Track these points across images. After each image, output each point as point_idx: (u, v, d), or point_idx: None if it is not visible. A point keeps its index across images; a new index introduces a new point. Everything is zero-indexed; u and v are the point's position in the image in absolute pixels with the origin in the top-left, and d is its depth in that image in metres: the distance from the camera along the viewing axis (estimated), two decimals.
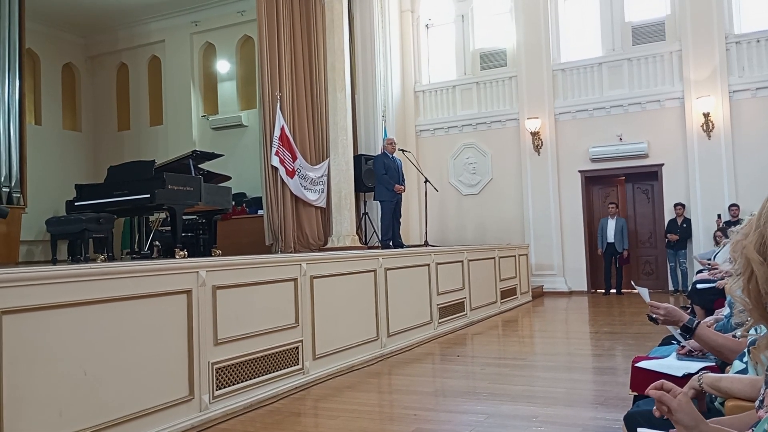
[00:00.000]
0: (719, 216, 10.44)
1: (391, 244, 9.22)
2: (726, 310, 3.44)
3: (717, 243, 9.92)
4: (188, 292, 3.97)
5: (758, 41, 10.71)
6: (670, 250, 11.20)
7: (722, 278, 6.13)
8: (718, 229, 10.09)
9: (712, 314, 4.06)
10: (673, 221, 11.16)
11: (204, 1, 13.32)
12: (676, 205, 11.09)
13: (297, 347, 4.95)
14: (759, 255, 1.27)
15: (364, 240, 11.32)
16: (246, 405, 4.32)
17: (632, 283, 4.50)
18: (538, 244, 12.03)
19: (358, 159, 11.16)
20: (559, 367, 5.62)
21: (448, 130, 13.17)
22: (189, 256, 7.24)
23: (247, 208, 11.83)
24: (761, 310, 1.29)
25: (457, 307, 8.08)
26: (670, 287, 11.28)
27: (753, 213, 1.41)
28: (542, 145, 12.10)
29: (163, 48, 14.23)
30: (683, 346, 2.81)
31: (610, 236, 11.55)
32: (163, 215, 9.18)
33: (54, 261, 8.44)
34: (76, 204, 7.63)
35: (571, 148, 12.00)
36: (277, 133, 9.61)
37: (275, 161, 9.57)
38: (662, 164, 11.40)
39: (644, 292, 2.71)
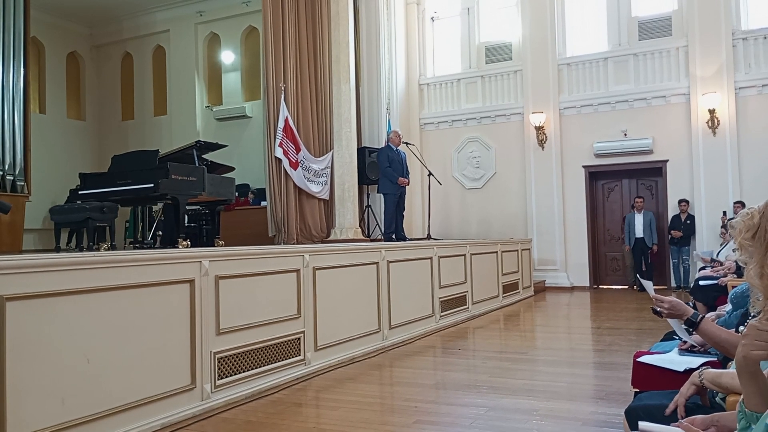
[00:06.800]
0: (724, 213, 10.42)
1: (393, 237, 9.22)
2: (728, 306, 3.44)
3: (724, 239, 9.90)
4: (191, 282, 3.97)
5: (765, 38, 10.65)
6: (674, 246, 11.17)
7: (725, 275, 6.13)
8: (723, 226, 10.07)
9: (714, 311, 4.06)
10: (676, 217, 11.13)
11: None
12: (680, 201, 11.05)
13: (299, 338, 4.96)
14: None
15: (366, 233, 11.32)
16: (247, 395, 4.34)
17: (637, 276, 4.49)
18: (541, 239, 12.02)
19: (361, 151, 11.14)
20: (560, 361, 5.62)
21: (452, 124, 13.15)
22: (192, 246, 7.25)
23: (251, 200, 11.84)
24: None
25: (459, 301, 8.08)
26: (673, 284, 11.26)
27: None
28: (546, 139, 12.07)
29: (167, 38, 14.21)
30: (685, 342, 2.81)
31: (639, 231, 11.24)
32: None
33: (57, 249, 8.46)
34: (80, 193, 7.64)
35: (576, 143, 11.97)
36: (281, 124, 9.59)
37: (279, 153, 9.55)
38: (667, 160, 11.37)
39: (649, 285, 2.71)
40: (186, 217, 8.50)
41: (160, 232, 9.00)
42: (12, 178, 9.33)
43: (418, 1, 13.40)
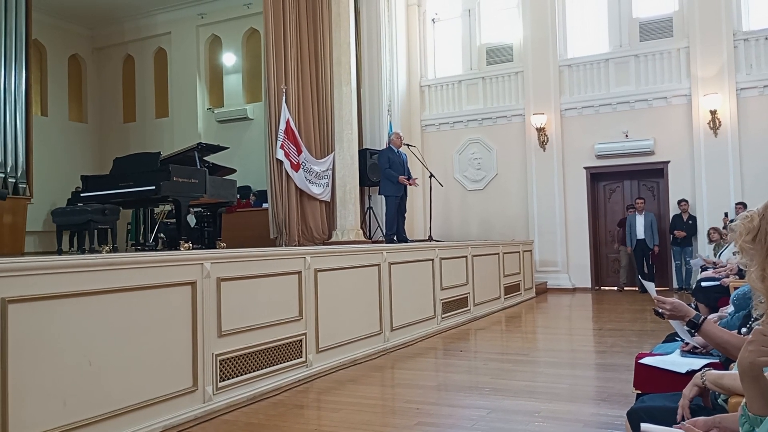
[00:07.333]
0: (726, 214, 10.40)
1: (395, 238, 9.22)
2: (730, 308, 3.43)
3: (711, 241, 9.91)
4: (193, 284, 3.97)
5: (766, 39, 10.65)
6: (676, 247, 11.10)
7: (726, 276, 6.12)
8: (712, 227, 10.05)
9: (716, 312, 4.05)
10: (677, 217, 11.08)
11: None
12: (680, 201, 11.02)
13: (300, 340, 4.96)
14: None
15: (368, 234, 11.32)
16: (249, 397, 4.33)
17: (639, 277, 4.49)
18: (543, 241, 12.01)
19: (363, 153, 11.15)
20: (561, 363, 5.62)
21: (453, 125, 13.15)
22: (193, 248, 7.25)
23: (253, 201, 11.85)
24: None
25: (460, 303, 8.08)
26: (675, 285, 11.23)
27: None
28: (548, 141, 12.07)
29: (169, 40, 14.25)
30: (687, 343, 2.81)
31: (640, 232, 11.18)
32: (168, 207, 9.21)
33: (59, 251, 8.48)
34: (81, 195, 7.65)
35: (577, 145, 11.96)
36: (282, 126, 9.60)
37: (280, 155, 9.56)
38: (668, 162, 11.36)
39: (651, 286, 2.71)
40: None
41: (162, 235, 9.01)
42: (14, 180, 9.34)
43: (419, 3, 13.41)
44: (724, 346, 2.18)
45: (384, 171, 9.32)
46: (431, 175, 10.13)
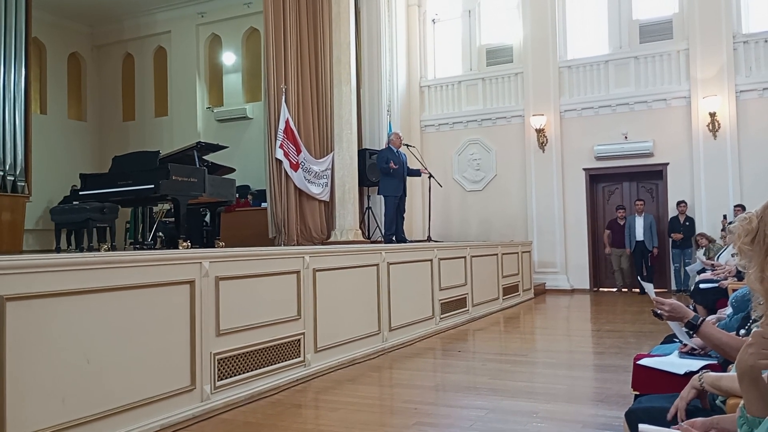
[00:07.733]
0: (725, 216, 10.40)
1: (394, 238, 9.22)
2: (728, 310, 3.43)
3: (699, 246, 9.92)
4: (191, 283, 3.97)
5: (766, 41, 10.66)
6: (676, 249, 11.09)
7: (725, 278, 6.12)
8: (699, 234, 10.08)
9: (714, 314, 4.05)
10: (675, 219, 11.08)
11: None
12: (679, 202, 11.01)
13: (299, 339, 4.96)
14: None
15: (367, 234, 11.31)
16: (247, 396, 4.33)
17: (638, 279, 4.47)
18: (542, 242, 12.01)
19: (362, 153, 11.15)
20: (560, 364, 5.62)
21: (452, 126, 13.15)
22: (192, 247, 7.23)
23: (252, 201, 11.84)
24: None
25: (459, 303, 8.08)
26: (673, 287, 11.22)
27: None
28: (547, 142, 12.07)
29: (169, 39, 14.24)
30: (685, 344, 2.81)
31: (639, 234, 11.18)
32: (167, 206, 9.20)
33: (57, 250, 8.47)
34: (80, 193, 7.64)
35: (576, 146, 11.97)
36: (281, 125, 9.59)
37: (279, 154, 9.55)
38: (667, 163, 11.37)
39: (650, 287, 2.71)
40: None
41: (161, 233, 9.00)
42: (12, 178, 9.33)
43: (419, 3, 13.41)
44: (722, 347, 2.18)
45: (382, 169, 9.32)
46: (430, 176, 10.14)
